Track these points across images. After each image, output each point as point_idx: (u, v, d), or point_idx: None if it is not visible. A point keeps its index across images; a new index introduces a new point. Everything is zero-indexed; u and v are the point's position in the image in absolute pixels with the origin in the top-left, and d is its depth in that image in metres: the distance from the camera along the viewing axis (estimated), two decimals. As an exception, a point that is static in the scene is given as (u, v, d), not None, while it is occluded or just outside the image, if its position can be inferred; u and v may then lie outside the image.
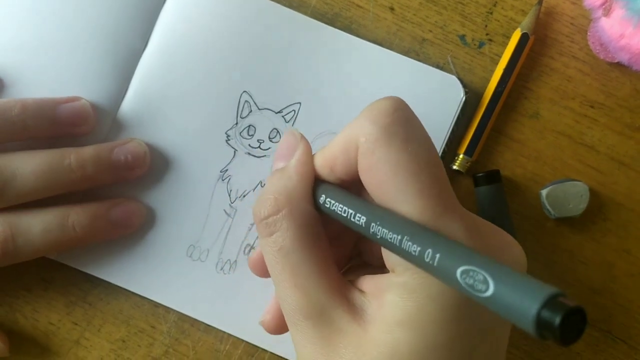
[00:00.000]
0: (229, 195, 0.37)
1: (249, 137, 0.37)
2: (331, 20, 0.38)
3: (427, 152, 0.26)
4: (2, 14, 0.37)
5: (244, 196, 0.37)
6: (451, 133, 0.37)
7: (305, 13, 0.38)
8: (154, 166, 0.37)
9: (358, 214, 0.26)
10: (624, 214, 0.38)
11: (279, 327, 0.31)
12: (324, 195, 0.28)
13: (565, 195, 0.37)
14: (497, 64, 0.38)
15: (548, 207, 0.37)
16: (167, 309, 0.37)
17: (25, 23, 0.37)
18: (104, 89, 0.37)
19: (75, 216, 0.34)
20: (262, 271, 0.31)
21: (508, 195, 0.38)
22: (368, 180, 0.26)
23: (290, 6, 0.38)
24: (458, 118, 0.37)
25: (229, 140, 0.37)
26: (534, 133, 0.38)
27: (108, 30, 0.37)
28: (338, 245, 0.31)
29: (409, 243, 0.23)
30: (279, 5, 0.37)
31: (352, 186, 0.28)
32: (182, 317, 0.37)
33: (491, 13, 0.38)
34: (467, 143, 0.37)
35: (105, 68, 0.37)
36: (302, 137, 0.30)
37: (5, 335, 0.37)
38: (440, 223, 0.24)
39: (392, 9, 0.38)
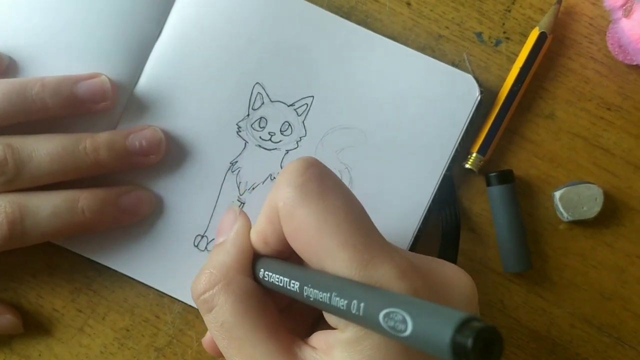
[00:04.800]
0: (238, 187, 0.37)
1: (260, 130, 0.37)
2: (347, 13, 0.38)
3: (346, 202, 0.26)
4: (17, -3, 0.37)
5: (253, 189, 0.37)
6: (465, 132, 0.37)
7: (321, 5, 0.37)
8: (164, 155, 0.36)
9: (292, 281, 0.26)
10: (638, 219, 0.37)
11: None
12: (262, 269, 0.28)
13: (579, 198, 0.36)
14: (513, 62, 0.37)
15: (561, 209, 0.36)
16: (172, 299, 0.37)
17: (41, 5, 0.36)
18: (117, 74, 0.36)
19: (84, 201, 0.34)
20: (217, 352, 0.30)
21: (521, 196, 0.37)
22: (295, 244, 0.26)
23: (306, -2, 0.37)
24: (472, 117, 0.37)
25: (240, 131, 0.37)
26: (549, 134, 0.37)
27: (123, 15, 0.36)
28: (299, 312, 0.31)
29: (337, 299, 0.23)
30: (294, -4, 0.37)
31: (292, 255, 0.27)
32: (187, 308, 0.37)
33: (509, 11, 0.38)
34: (481, 142, 0.37)
35: (118, 53, 0.36)
36: (241, 212, 0.30)
37: (17, 312, 0.37)
38: (370, 271, 0.24)
39: (408, 4, 0.38)
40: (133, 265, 0.37)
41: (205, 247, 0.37)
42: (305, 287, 0.25)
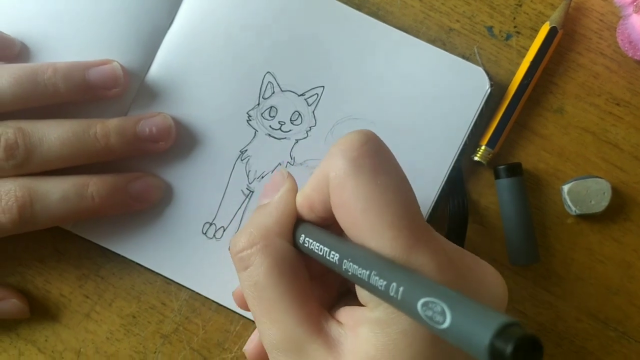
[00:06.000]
0: (247, 176, 0.37)
1: (271, 119, 0.37)
2: (358, 5, 0.38)
3: (397, 183, 0.26)
4: (30, -18, 0.37)
5: (262, 177, 0.37)
6: (474, 124, 0.37)
7: (332, -4, 0.37)
8: (174, 142, 0.37)
9: (332, 252, 0.26)
10: (645, 214, 0.37)
11: (261, 357, 0.32)
12: (303, 235, 0.28)
13: (587, 192, 0.36)
14: (523, 57, 0.37)
15: (569, 203, 0.36)
16: (179, 287, 0.37)
17: (53, -8, 0.37)
18: (128, 61, 0.36)
19: (94, 186, 0.34)
20: (245, 305, 0.30)
21: (529, 190, 0.37)
22: (340, 216, 0.26)
23: (318, -11, 0.37)
24: (482, 110, 0.37)
25: (250, 120, 0.37)
26: (558, 128, 0.38)
27: (136, 2, 0.37)
28: (327, 282, 0.31)
29: (376, 278, 0.23)
30: (307, -13, 0.37)
31: (335, 224, 0.27)
32: (194, 296, 0.37)
33: (520, 5, 0.38)
34: (490, 135, 0.37)
35: (130, 40, 0.37)
36: (289, 175, 0.30)
37: (24, 296, 0.37)
38: (412, 256, 0.24)
39: (420, -3, 0.38)
40: (141, 252, 0.37)
41: (214, 235, 0.37)
42: (345, 261, 0.25)
